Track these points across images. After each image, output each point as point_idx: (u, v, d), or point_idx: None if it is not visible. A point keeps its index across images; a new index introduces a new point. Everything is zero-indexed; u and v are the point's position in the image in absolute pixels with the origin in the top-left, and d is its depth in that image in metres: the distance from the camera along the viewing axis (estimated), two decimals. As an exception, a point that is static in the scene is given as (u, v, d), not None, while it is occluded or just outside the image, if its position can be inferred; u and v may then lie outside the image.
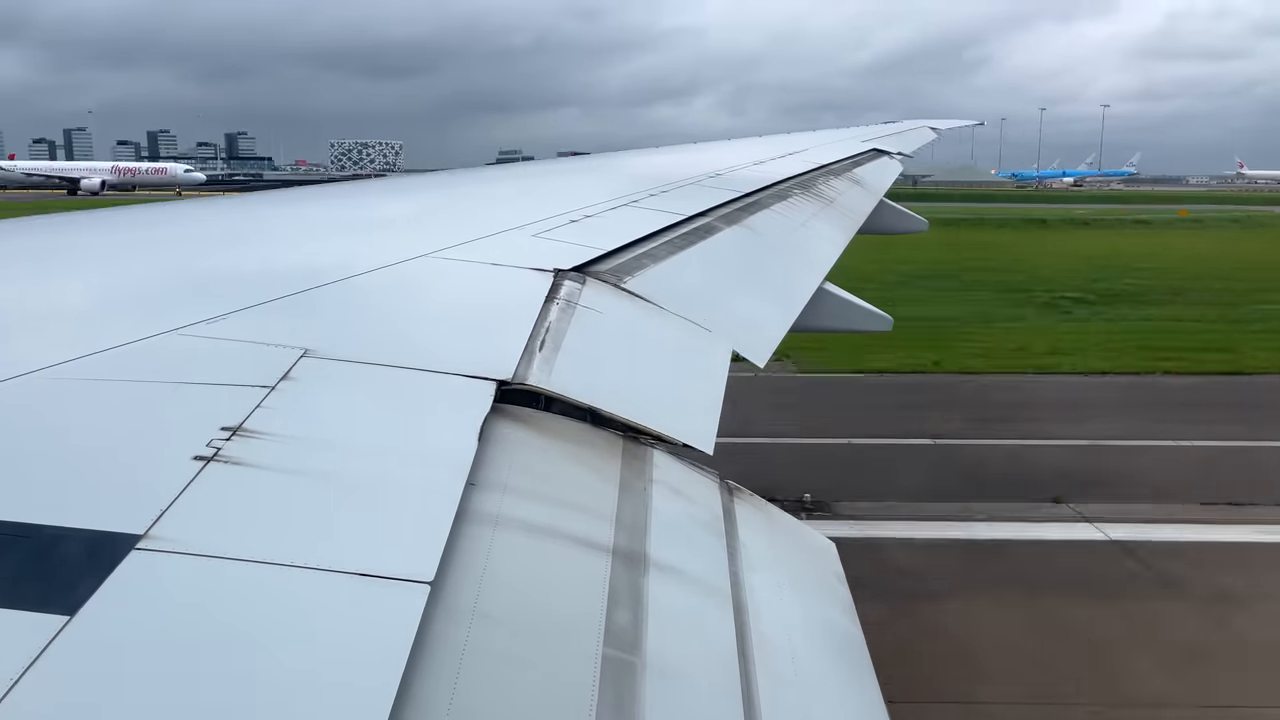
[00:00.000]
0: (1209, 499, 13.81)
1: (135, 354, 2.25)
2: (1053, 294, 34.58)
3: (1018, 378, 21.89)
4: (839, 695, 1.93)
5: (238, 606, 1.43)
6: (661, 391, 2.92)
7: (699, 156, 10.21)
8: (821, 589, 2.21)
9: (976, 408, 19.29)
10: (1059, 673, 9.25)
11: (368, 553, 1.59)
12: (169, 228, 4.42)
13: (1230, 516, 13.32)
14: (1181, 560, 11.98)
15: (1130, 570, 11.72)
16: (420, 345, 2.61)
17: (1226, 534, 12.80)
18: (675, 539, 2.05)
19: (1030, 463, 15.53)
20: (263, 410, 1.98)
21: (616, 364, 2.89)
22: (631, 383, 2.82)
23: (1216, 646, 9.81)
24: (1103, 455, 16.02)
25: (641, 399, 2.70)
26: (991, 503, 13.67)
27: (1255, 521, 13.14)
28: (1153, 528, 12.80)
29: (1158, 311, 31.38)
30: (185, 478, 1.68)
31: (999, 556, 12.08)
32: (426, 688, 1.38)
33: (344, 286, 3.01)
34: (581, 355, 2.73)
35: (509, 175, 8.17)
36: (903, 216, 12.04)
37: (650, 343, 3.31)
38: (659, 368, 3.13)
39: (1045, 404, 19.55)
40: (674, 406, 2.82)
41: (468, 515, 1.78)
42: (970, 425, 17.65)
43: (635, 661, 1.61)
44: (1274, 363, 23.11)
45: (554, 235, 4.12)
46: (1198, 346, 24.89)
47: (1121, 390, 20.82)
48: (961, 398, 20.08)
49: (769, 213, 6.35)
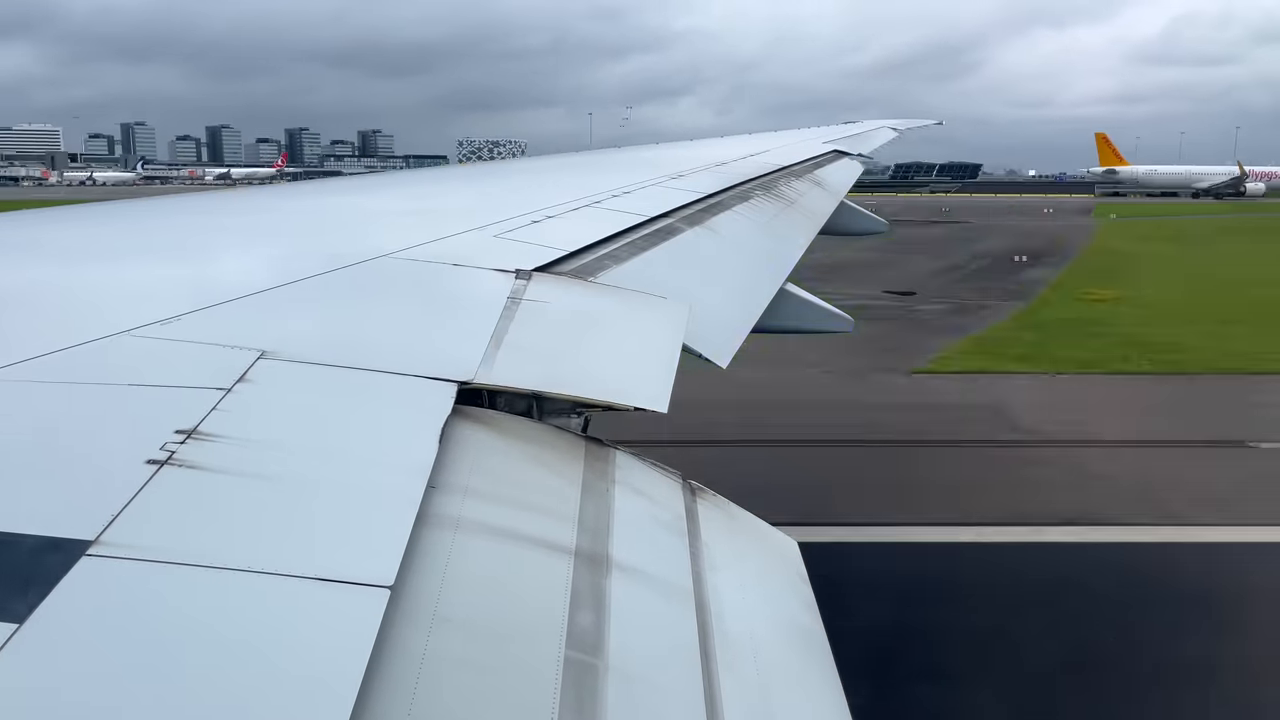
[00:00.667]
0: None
1: (87, 355, 2.20)
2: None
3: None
4: (801, 694, 1.94)
5: (192, 613, 1.40)
6: (617, 367, 2.93)
7: (661, 156, 10.23)
8: (784, 588, 2.22)
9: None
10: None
11: (326, 557, 1.57)
12: (123, 227, 4.34)
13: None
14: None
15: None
16: (379, 347, 2.59)
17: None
18: (637, 540, 2.05)
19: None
20: (218, 413, 1.94)
21: (574, 354, 2.88)
22: (588, 366, 2.82)
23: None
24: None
25: (596, 377, 2.71)
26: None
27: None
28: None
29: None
30: (138, 482, 1.65)
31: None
32: (386, 693, 1.37)
33: (302, 287, 2.98)
34: (540, 353, 2.72)
35: (468, 175, 8.13)
36: (863, 218, 12.15)
37: (606, 324, 3.31)
38: (615, 347, 3.13)
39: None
40: (629, 376, 2.83)
41: (428, 518, 1.76)
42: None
43: (597, 663, 1.60)
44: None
45: (515, 235, 4.10)
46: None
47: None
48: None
49: (731, 214, 6.38)
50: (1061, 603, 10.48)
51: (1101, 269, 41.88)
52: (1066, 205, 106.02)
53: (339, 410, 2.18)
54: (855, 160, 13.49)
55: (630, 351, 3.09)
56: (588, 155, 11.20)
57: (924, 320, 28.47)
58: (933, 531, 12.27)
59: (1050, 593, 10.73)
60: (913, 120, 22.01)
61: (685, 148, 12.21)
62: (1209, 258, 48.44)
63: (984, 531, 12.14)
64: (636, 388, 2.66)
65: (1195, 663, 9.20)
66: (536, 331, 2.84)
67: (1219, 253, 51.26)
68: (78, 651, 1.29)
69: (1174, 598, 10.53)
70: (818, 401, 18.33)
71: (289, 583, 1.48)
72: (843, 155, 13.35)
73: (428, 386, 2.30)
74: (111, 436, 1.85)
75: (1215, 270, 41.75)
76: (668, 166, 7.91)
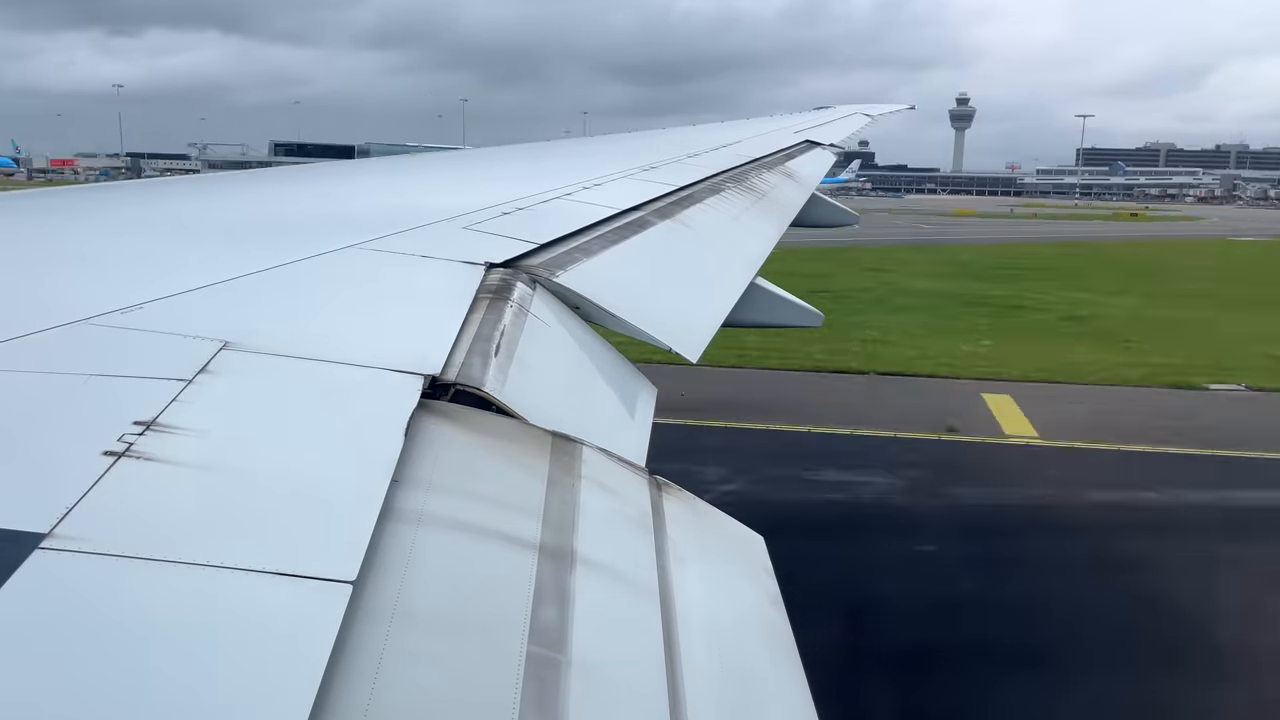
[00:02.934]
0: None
1: (44, 344, 2.16)
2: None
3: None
4: (765, 690, 1.95)
5: (149, 607, 1.38)
6: (588, 402, 2.93)
7: (633, 146, 10.22)
8: (749, 583, 2.23)
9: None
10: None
11: (287, 552, 1.55)
12: (86, 210, 4.27)
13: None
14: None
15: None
16: (345, 339, 2.56)
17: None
18: (602, 534, 2.05)
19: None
20: (179, 404, 1.92)
21: (539, 366, 2.87)
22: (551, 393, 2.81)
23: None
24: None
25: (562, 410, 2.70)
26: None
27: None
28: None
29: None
30: (94, 474, 1.62)
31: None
32: (347, 689, 1.36)
33: (268, 276, 2.94)
34: (506, 352, 2.71)
35: (437, 165, 8.07)
36: (833, 210, 12.22)
37: (578, 346, 3.29)
38: (584, 378, 3.11)
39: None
40: (598, 416, 2.84)
41: (392, 513, 1.75)
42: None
43: (560, 659, 1.60)
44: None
45: (485, 227, 4.08)
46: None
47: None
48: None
49: (702, 207, 6.39)
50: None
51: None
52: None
53: (303, 402, 2.16)
54: (826, 150, 13.56)
55: (601, 395, 3.09)
56: (562, 144, 11.14)
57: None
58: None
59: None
60: (886, 105, 22.03)
61: (656, 137, 12.19)
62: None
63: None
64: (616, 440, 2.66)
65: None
66: (503, 334, 2.83)
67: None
68: (29, 645, 1.27)
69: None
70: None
71: (249, 577, 1.47)
72: (814, 145, 13.42)
73: (394, 379, 2.29)
74: (67, 427, 1.82)
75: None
76: (640, 157, 7.90)
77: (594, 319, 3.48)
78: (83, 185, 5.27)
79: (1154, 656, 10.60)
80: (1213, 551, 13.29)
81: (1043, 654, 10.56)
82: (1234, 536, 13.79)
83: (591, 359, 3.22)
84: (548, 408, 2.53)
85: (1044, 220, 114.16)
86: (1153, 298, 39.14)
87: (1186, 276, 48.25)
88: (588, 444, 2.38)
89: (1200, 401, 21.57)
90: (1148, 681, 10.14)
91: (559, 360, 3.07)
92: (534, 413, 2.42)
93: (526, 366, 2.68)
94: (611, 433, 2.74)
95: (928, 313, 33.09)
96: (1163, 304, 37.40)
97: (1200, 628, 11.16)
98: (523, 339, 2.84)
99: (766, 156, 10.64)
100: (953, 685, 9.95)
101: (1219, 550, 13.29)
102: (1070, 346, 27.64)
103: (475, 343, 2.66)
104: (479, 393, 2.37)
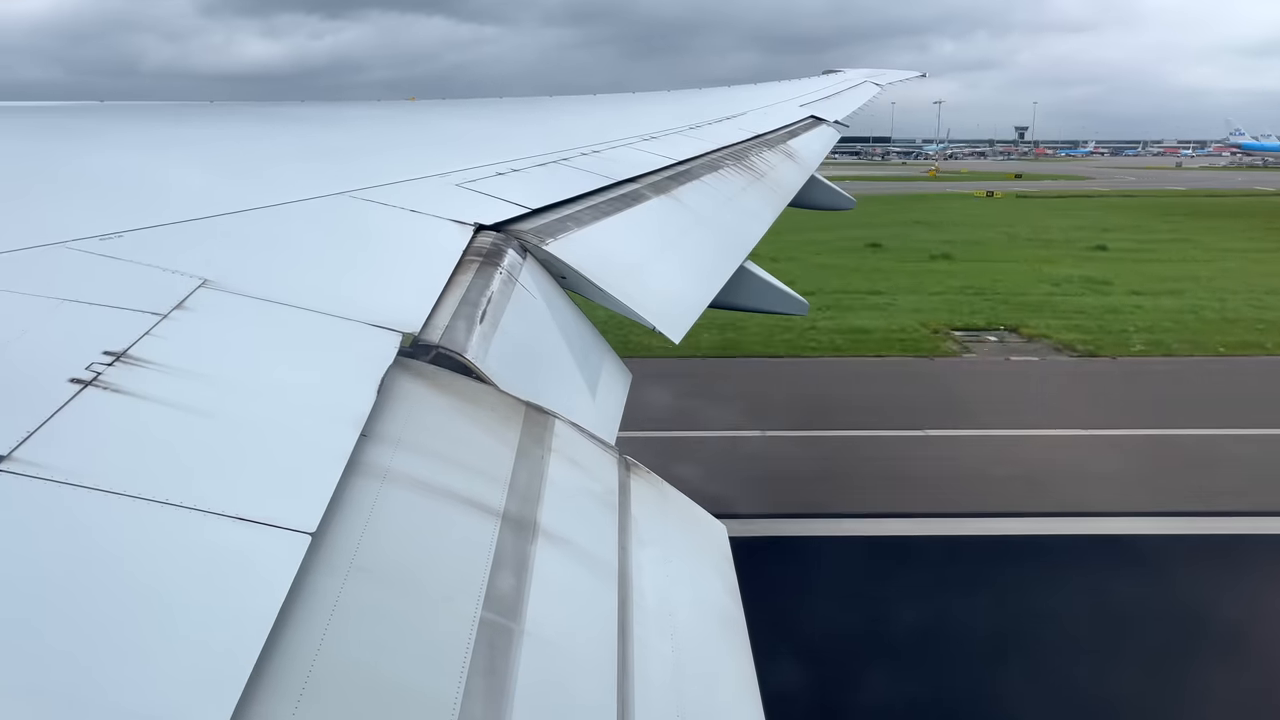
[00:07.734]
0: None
1: (16, 264, 2.12)
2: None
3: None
4: (713, 676, 1.96)
5: (101, 540, 1.37)
6: (560, 369, 2.92)
7: (636, 110, 10.06)
8: (708, 570, 2.24)
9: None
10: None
11: (248, 497, 1.54)
12: (79, 130, 4.19)
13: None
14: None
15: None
16: (326, 288, 2.53)
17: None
18: (567, 508, 2.05)
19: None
20: (151, 338, 1.89)
21: (522, 337, 2.86)
22: (529, 362, 2.80)
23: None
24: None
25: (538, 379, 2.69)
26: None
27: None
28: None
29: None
30: (59, 401, 1.60)
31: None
32: (298, 635, 1.35)
33: (253, 217, 2.90)
34: (491, 320, 2.69)
35: (433, 115, 7.95)
36: (830, 193, 12.12)
37: (562, 321, 3.28)
38: (564, 355, 3.11)
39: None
40: (570, 383, 2.83)
41: (358, 467, 1.74)
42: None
43: (513, 627, 1.60)
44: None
45: (477, 187, 4.04)
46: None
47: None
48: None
49: (698, 184, 6.34)
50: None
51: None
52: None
53: (279, 348, 2.14)
54: (831, 128, 13.44)
55: (575, 364, 3.09)
56: (560, 100, 10.90)
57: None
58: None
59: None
60: (895, 73, 21.63)
61: (659, 102, 12.02)
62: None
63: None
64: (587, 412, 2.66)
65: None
66: (486, 299, 2.81)
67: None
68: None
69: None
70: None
71: (209, 519, 1.46)
72: (820, 122, 13.27)
73: (372, 334, 2.27)
74: (35, 351, 1.79)
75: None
76: (642, 125, 7.82)
77: (580, 290, 3.46)
78: (83, 103, 5.15)
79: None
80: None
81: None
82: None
83: (574, 336, 3.21)
84: (525, 379, 2.52)
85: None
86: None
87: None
88: (561, 417, 2.38)
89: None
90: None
91: (541, 334, 3.05)
92: (511, 383, 2.41)
93: (509, 337, 2.67)
94: (585, 412, 2.73)
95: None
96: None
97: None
98: (509, 308, 2.82)
99: (769, 133, 10.52)
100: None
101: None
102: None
103: (461, 307, 2.63)
104: (460, 358, 2.35)
